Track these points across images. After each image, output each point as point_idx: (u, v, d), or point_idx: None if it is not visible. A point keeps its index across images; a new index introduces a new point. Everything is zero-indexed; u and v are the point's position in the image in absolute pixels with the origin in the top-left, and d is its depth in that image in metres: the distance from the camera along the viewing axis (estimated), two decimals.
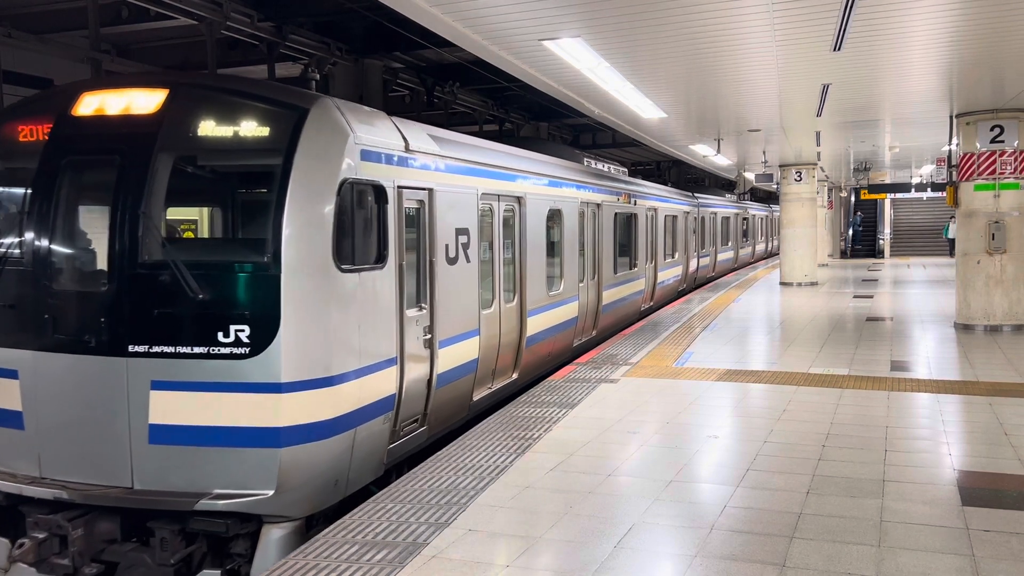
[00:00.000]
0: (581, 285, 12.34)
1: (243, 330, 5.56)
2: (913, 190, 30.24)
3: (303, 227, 5.71)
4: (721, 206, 27.64)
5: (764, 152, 19.62)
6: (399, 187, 6.75)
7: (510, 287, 9.72)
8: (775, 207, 42.09)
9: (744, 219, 33.02)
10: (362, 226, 6.26)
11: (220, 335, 5.57)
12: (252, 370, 5.55)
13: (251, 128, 5.86)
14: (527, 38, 7.82)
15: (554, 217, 11.10)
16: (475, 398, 8.54)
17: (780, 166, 23.07)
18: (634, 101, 11.51)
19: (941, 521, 5.19)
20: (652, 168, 30.30)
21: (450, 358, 7.73)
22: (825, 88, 10.79)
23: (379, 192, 6.44)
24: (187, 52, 11.73)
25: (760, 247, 38.42)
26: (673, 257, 20.12)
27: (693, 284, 23.12)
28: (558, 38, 7.79)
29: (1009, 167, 12.97)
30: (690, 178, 32.12)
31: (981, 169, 13.11)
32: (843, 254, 37.07)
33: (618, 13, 6.98)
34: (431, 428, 7.52)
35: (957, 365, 10.45)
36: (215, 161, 6.24)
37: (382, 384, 6.47)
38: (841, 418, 7.78)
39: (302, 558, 4.80)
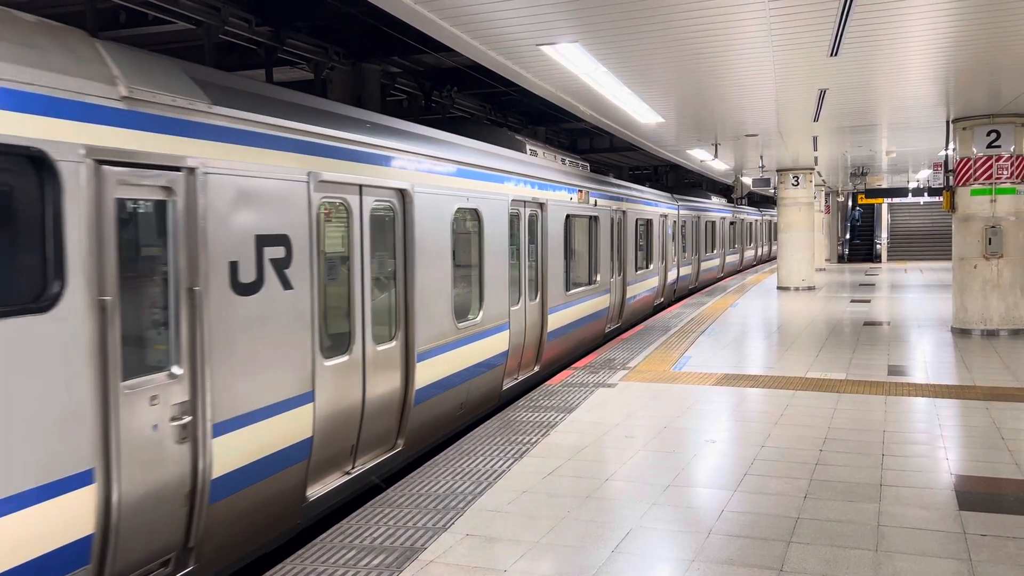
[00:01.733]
0: (515, 309, 9.91)
1: None
2: (910, 195, 30.31)
3: None
4: (707, 209, 25.98)
5: (761, 157, 19.64)
6: (100, 162, 4.09)
7: (383, 321, 6.85)
8: (766, 211, 41.80)
9: (732, 223, 31.47)
10: None
11: None
12: None
13: None
14: (525, 43, 7.83)
15: (463, 219, 8.60)
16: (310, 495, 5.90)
17: (777, 170, 23.11)
18: (631, 106, 11.52)
19: (938, 525, 5.20)
20: (650, 172, 30.32)
21: (240, 465, 5.00)
22: (822, 93, 10.82)
23: (39, 169, 3.80)
24: (185, 56, 11.72)
25: (749, 253, 36.48)
26: (647, 267, 17.83)
27: (672, 297, 21.07)
28: (556, 43, 7.81)
29: (1006, 172, 13.01)
30: (688, 182, 32.14)
31: (978, 174, 13.15)
32: (840, 258, 37.13)
33: (616, 18, 7.00)
34: None
35: (954, 369, 10.47)
36: None
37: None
38: (838, 422, 7.79)
39: (299, 563, 4.79)
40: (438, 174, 7.81)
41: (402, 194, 7.14)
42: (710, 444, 7.14)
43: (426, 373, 7.31)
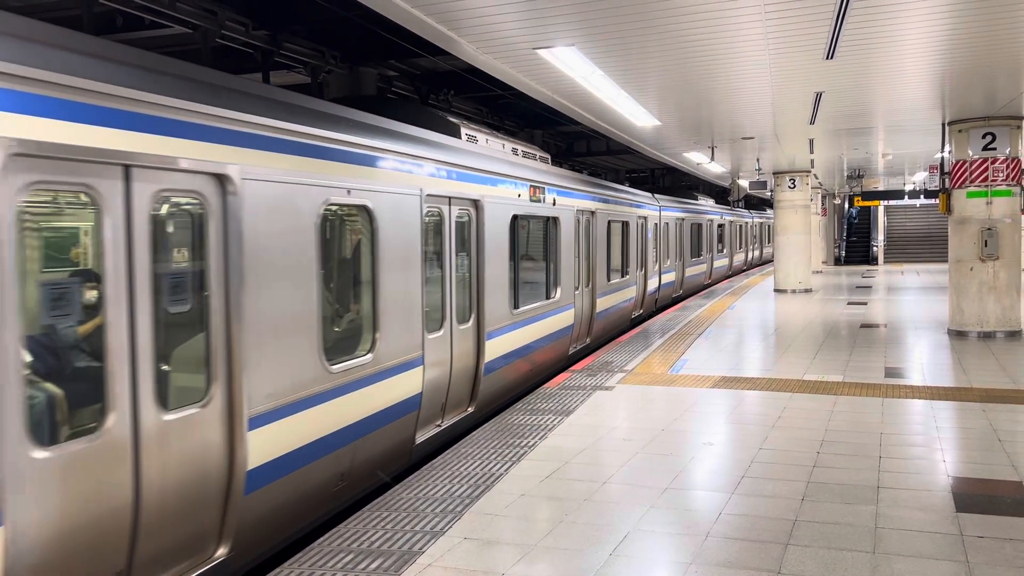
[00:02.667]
0: (436, 336, 7.68)
1: None
2: (906, 197, 30.37)
3: None
4: (693, 210, 24.27)
5: (758, 159, 19.68)
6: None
7: (196, 369, 4.79)
8: (758, 213, 41.04)
9: (720, 225, 29.69)
10: None
11: None
12: None
13: None
14: (521, 47, 7.85)
15: (343, 219, 6.61)
16: None
17: (774, 173, 23.16)
18: (628, 109, 11.54)
19: (935, 527, 5.20)
20: (646, 175, 30.35)
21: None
22: (818, 96, 10.85)
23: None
24: (182, 59, 11.71)
25: (739, 258, 34.38)
26: (623, 276, 15.90)
27: (654, 307, 19.37)
28: (552, 47, 7.82)
29: (1001, 174, 13.04)
30: (685, 185, 32.17)
31: (973, 176, 13.18)
32: (837, 261, 37.19)
33: (612, 22, 7.01)
34: None
35: (951, 371, 10.48)
36: None
37: None
38: (836, 425, 7.80)
39: (297, 567, 4.79)
40: (311, 159, 5.67)
41: (219, 180, 4.85)
42: (707, 447, 7.14)
43: (266, 447, 5.19)
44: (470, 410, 8.67)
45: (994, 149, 12.99)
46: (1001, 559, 4.70)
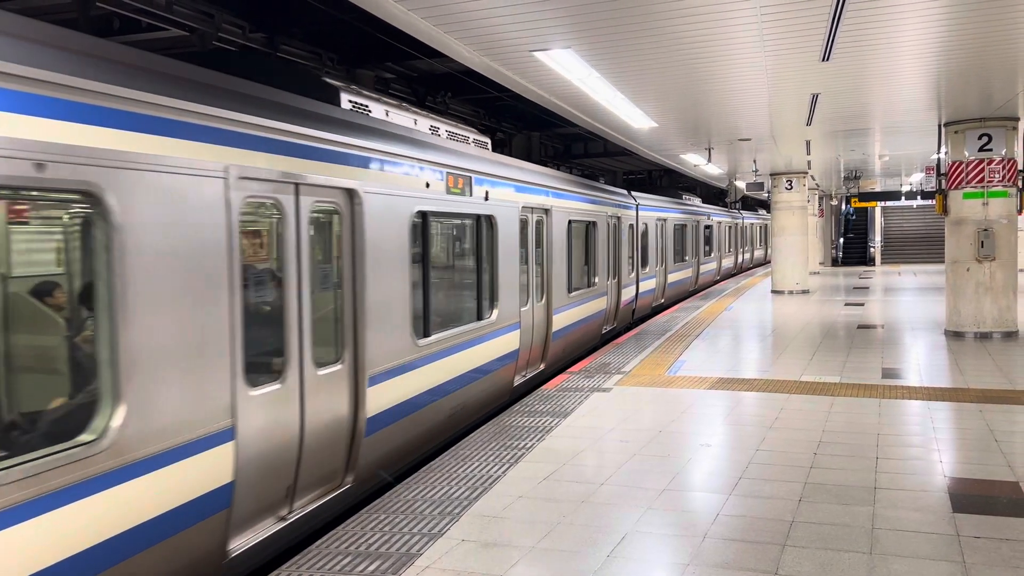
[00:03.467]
0: (258, 394, 5.14)
1: None
2: (903, 198, 30.44)
3: None
4: (676, 210, 22.02)
5: (755, 161, 19.72)
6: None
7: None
8: (750, 213, 40.30)
9: (708, 227, 27.59)
10: None
11: None
12: None
13: None
14: (518, 50, 7.86)
15: (192, 224, 4.58)
16: None
17: (771, 175, 23.21)
18: (625, 111, 11.56)
19: (932, 528, 5.22)
20: (644, 177, 30.39)
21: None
22: (814, 97, 10.87)
23: None
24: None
25: (728, 261, 31.99)
26: (589, 285, 13.62)
27: (630, 319, 17.27)
28: (549, 49, 7.83)
29: (997, 175, 13.07)
30: (682, 186, 32.19)
31: (970, 177, 13.21)
32: (834, 262, 37.25)
33: (609, 24, 7.03)
34: None
35: (948, 372, 10.50)
36: None
37: None
38: (833, 426, 7.81)
39: (295, 569, 4.79)
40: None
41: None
42: (705, 448, 7.16)
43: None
44: (349, 483, 6.23)
45: (990, 150, 13.02)
46: (998, 559, 4.72)
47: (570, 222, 12.49)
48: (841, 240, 38.26)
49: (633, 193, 18.16)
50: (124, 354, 4.09)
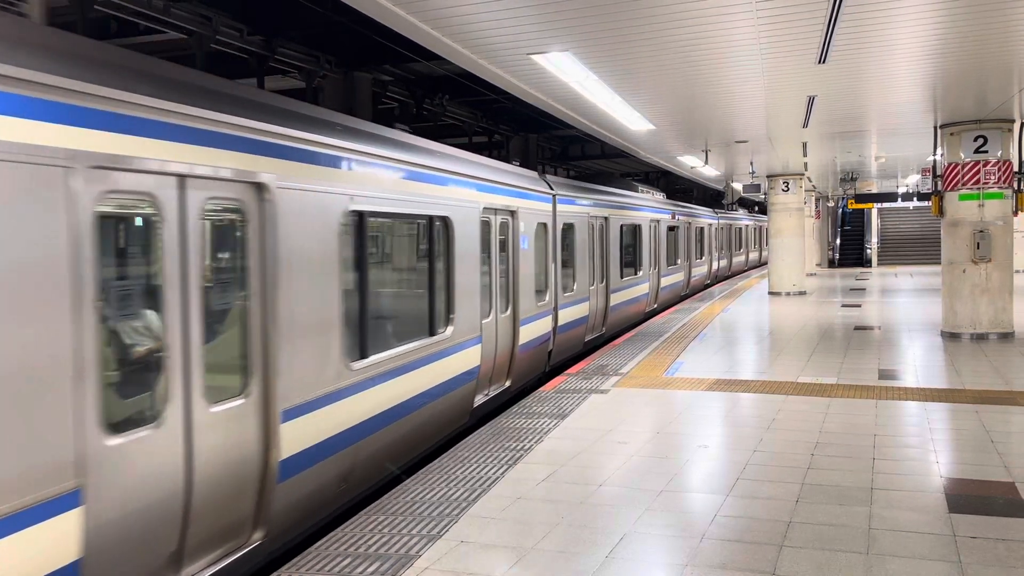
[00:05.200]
0: (152, 439, 4.33)
1: None
2: (900, 199, 30.49)
3: None
4: (623, 206, 17.01)
5: (752, 162, 19.75)
6: None
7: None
8: (740, 215, 38.00)
9: (672, 228, 22.47)
10: None
11: None
12: None
13: None
14: (516, 53, 7.88)
15: None
16: None
17: (768, 176, 23.25)
18: (622, 113, 11.58)
19: (929, 528, 5.24)
20: (641, 178, 30.43)
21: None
22: (811, 100, 10.90)
23: None
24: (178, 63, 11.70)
25: (699, 271, 27.03)
26: (545, 299, 11.68)
27: (601, 331, 15.11)
28: (546, 52, 7.85)
29: (993, 177, 13.11)
30: (679, 188, 32.23)
31: (965, 179, 13.26)
32: (831, 263, 37.29)
33: (606, 27, 7.05)
34: None
35: (944, 373, 10.54)
36: None
37: None
38: (830, 427, 7.84)
39: (295, 571, 4.80)
40: None
41: None
42: (702, 449, 7.18)
43: None
44: (260, 540, 5.37)
45: (986, 152, 13.06)
46: (994, 559, 4.74)
47: (541, 224, 11.39)
48: (838, 241, 38.28)
49: (547, 177, 12.92)
50: None
